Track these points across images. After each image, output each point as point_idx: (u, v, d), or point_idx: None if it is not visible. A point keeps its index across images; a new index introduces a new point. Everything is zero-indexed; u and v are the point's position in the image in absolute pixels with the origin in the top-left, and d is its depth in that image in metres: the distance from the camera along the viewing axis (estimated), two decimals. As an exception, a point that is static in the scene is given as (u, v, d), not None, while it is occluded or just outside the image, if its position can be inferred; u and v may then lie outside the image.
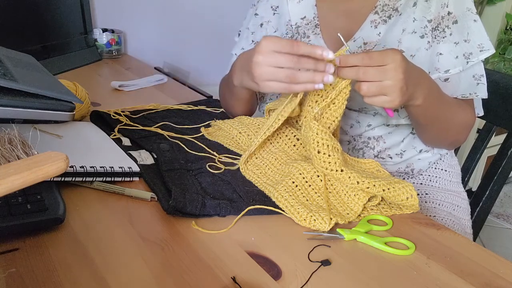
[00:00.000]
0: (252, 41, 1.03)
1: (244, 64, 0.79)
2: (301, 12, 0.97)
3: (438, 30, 0.87)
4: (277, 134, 0.83)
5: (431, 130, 0.88)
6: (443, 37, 0.87)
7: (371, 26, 0.89)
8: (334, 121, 0.75)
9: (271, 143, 0.83)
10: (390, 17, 0.89)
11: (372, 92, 0.70)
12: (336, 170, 0.72)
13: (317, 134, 0.72)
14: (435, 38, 0.87)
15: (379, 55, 0.69)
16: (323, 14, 0.95)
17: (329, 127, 0.75)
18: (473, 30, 0.86)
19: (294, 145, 0.82)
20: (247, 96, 0.91)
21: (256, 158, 0.82)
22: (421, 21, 0.87)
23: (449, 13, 0.86)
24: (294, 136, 0.83)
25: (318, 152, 0.72)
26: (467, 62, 0.86)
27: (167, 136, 0.89)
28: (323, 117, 0.75)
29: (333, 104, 0.74)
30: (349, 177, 0.71)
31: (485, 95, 0.88)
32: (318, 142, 0.72)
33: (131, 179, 0.75)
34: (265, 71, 0.72)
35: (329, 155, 0.72)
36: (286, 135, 0.83)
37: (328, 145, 0.72)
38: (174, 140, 0.88)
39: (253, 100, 0.97)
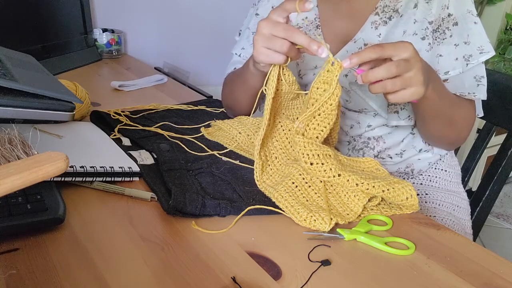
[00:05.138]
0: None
1: None
2: (302, 13, 0.96)
3: (439, 31, 0.87)
4: (280, 126, 0.83)
5: (435, 125, 0.87)
6: (443, 39, 0.87)
7: (372, 27, 0.89)
8: (322, 130, 0.74)
9: (274, 137, 0.83)
10: (390, 18, 0.89)
11: (398, 86, 0.68)
12: (334, 176, 0.72)
13: (304, 147, 0.72)
14: (436, 39, 0.87)
15: (392, 45, 0.68)
16: (324, 15, 0.95)
17: (317, 137, 0.74)
18: (473, 32, 0.86)
19: (295, 142, 0.82)
20: (259, 84, 0.88)
21: (263, 148, 0.81)
22: (422, 22, 0.87)
23: (449, 15, 0.86)
24: (292, 137, 0.83)
25: (311, 163, 0.72)
26: (467, 64, 0.86)
27: (167, 136, 0.89)
28: (309, 128, 0.74)
29: (319, 115, 0.73)
30: (348, 180, 0.71)
31: (484, 96, 0.87)
32: (307, 155, 0.72)
33: (131, 179, 0.75)
34: (262, 38, 0.72)
35: (322, 164, 0.72)
36: (289, 130, 0.83)
37: (318, 155, 0.72)
38: (174, 140, 0.88)
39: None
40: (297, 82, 0.79)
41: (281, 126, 0.83)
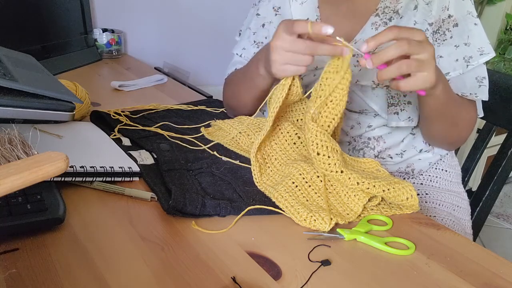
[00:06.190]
0: (254, 41, 1.03)
1: (265, 51, 0.79)
2: (304, 13, 0.97)
3: (439, 33, 0.87)
4: (279, 129, 0.83)
5: (439, 125, 0.87)
6: (444, 40, 0.87)
7: (372, 28, 0.89)
8: (333, 118, 0.74)
9: (273, 139, 0.83)
10: (390, 20, 0.89)
11: (414, 67, 0.67)
12: (336, 171, 0.72)
13: (316, 136, 0.72)
14: (436, 41, 0.87)
15: (407, 28, 0.68)
16: (325, 16, 0.95)
17: (328, 126, 0.74)
18: (473, 34, 0.86)
19: (295, 143, 0.82)
20: (268, 86, 0.87)
21: (261, 150, 0.81)
22: (422, 24, 0.87)
23: (449, 16, 0.86)
24: (296, 134, 0.83)
25: (318, 154, 0.72)
26: (467, 65, 0.86)
27: (167, 136, 0.89)
28: (321, 116, 0.74)
29: (331, 102, 0.73)
30: (349, 178, 0.71)
31: (486, 97, 0.87)
32: (317, 144, 0.72)
33: (131, 179, 0.75)
34: (282, 56, 0.72)
35: (328, 157, 0.72)
36: (288, 132, 0.83)
37: (327, 147, 0.72)
38: (174, 140, 0.88)
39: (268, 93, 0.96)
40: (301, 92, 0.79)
41: (280, 129, 0.83)
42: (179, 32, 1.83)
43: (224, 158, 0.83)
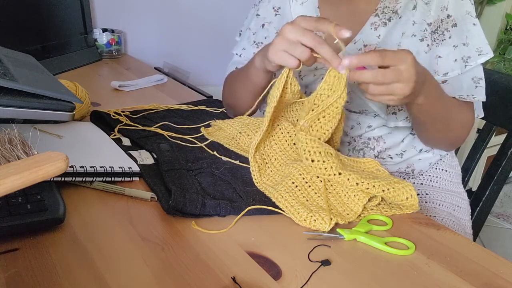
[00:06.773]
0: (254, 41, 1.03)
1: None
2: (304, 13, 0.96)
3: (437, 33, 0.87)
4: (279, 130, 0.83)
5: (431, 129, 0.88)
6: (442, 40, 0.87)
7: (371, 29, 0.90)
8: (324, 133, 0.75)
9: (273, 139, 0.83)
10: (390, 20, 0.89)
11: (379, 92, 0.70)
12: (334, 174, 0.72)
13: (306, 144, 0.72)
14: (434, 41, 0.87)
15: (393, 55, 0.68)
16: (325, 16, 0.95)
17: (319, 139, 0.74)
18: (472, 34, 0.86)
19: (294, 144, 0.82)
20: (262, 82, 0.87)
21: (260, 151, 0.81)
22: (421, 24, 0.87)
23: (448, 16, 0.86)
24: (296, 134, 0.83)
25: (312, 160, 0.72)
26: (466, 65, 0.86)
27: (167, 136, 0.89)
28: (312, 129, 0.75)
29: (323, 117, 0.74)
30: (348, 179, 0.71)
31: (483, 98, 0.87)
32: (309, 152, 0.72)
33: (131, 179, 0.75)
34: (284, 41, 0.72)
35: (323, 161, 0.72)
36: (288, 132, 0.83)
37: (320, 152, 0.72)
38: (174, 140, 0.88)
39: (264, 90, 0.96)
40: (300, 91, 0.79)
41: (280, 129, 0.83)
42: (179, 32, 1.83)
43: (224, 158, 0.83)
